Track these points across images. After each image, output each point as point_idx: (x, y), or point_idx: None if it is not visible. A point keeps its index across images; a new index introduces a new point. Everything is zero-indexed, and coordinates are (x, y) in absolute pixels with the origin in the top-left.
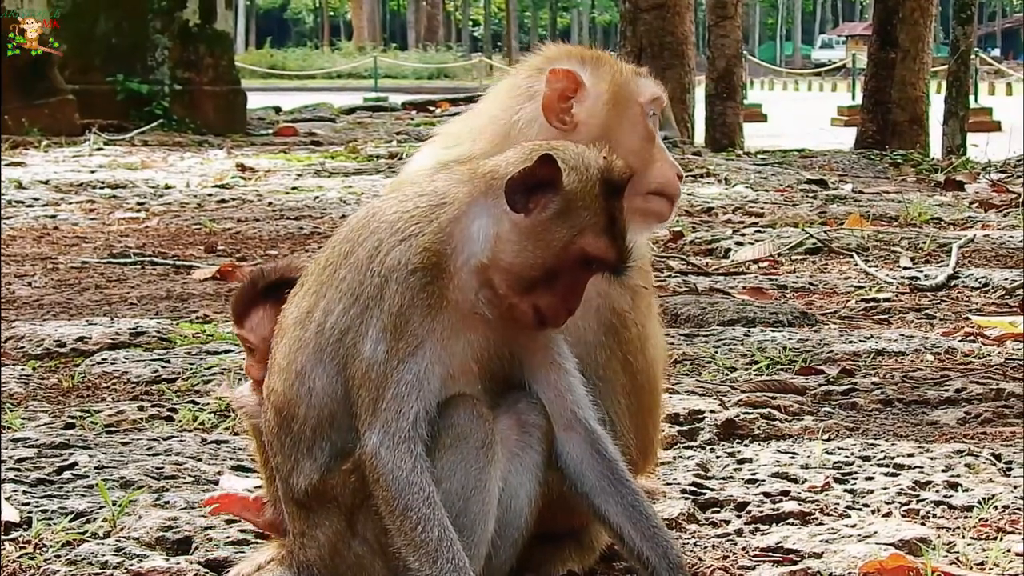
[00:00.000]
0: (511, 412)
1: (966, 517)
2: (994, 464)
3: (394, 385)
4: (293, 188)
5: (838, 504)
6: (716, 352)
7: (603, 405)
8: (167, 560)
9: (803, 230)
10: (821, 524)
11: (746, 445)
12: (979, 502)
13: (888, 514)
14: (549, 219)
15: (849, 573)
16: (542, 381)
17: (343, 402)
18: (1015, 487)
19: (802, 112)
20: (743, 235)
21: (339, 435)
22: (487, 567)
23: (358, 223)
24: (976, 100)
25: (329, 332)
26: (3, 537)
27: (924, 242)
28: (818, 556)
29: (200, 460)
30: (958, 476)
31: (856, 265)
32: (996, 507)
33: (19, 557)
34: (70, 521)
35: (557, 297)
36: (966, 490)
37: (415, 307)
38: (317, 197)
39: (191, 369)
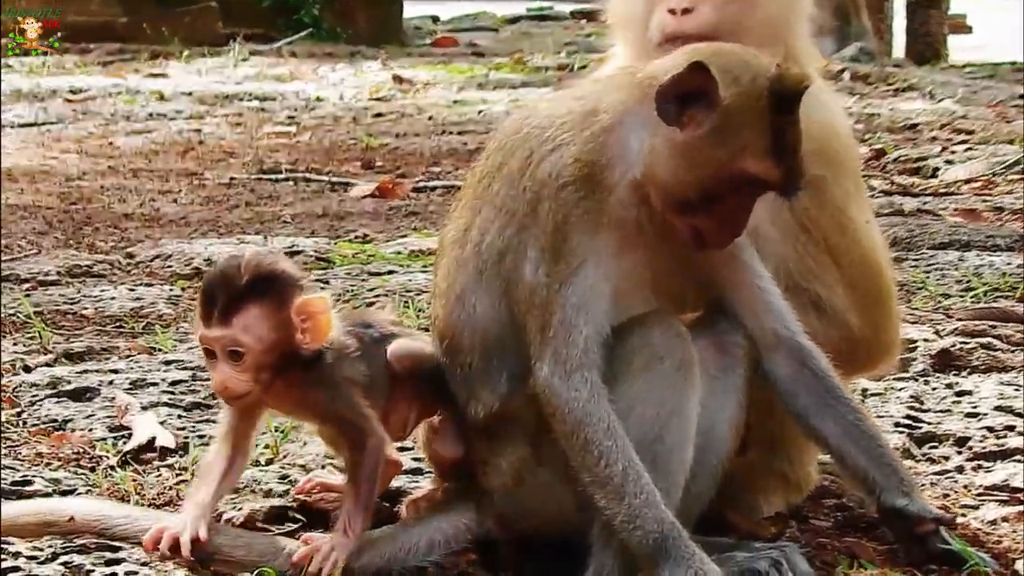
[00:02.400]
0: (709, 332)
1: None
2: None
3: (560, 309)
4: (455, 102)
5: None
6: (927, 278)
7: (821, 303)
8: None
9: (1022, 147)
10: None
11: (964, 376)
12: None
13: None
14: (705, 136)
15: None
16: (736, 300)
17: (509, 326)
18: None
19: (1011, 22)
20: (952, 153)
21: (513, 360)
22: (683, 502)
23: (511, 129)
24: None
25: (487, 253)
26: (159, 463)
27: None
28: None
29: None
30: None
31: None
32: None
33: (176, 484)
34: None
35: (718, 220)
36: None
37: (572, 224)
38: (481, 111)
39: (351, 291)
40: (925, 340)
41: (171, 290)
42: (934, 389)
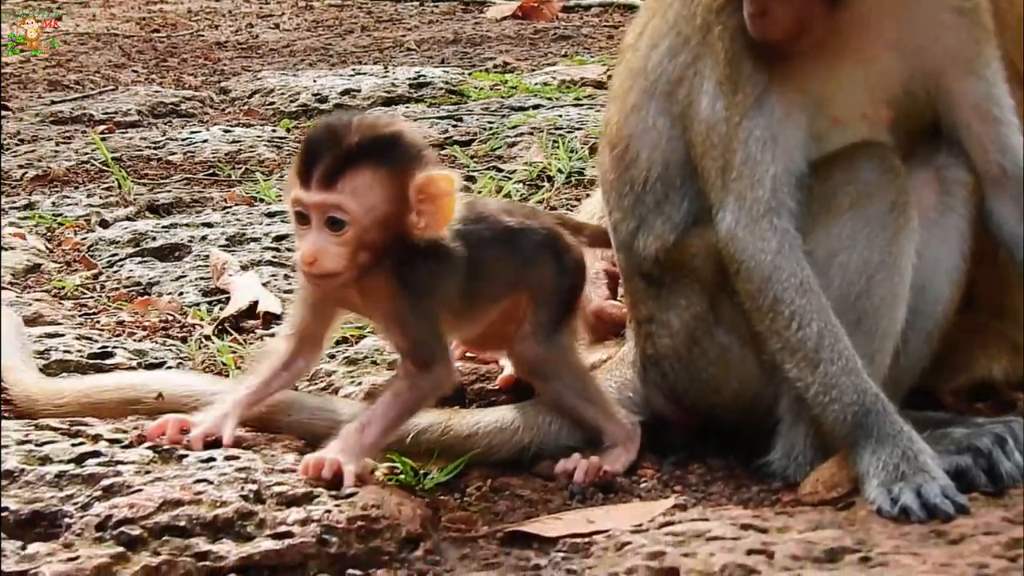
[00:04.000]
0: (927, 166)
1: None
2: None
3: (741, 147)
4: None
5: None
6: None
7: None
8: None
9: None
10: None
11: None
12: None
13: None
14: None
15: None
16: (961, 125)
17: (690, 158)
18: None
19: None
20: None
21: (698, 190)
22: (891, 371)
23: None
24: None
25: (654, 74)
26: (262, 331)
27: None
28: None
29: None
30: None
31: None
32: None
33: None
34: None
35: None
36: None
37: (744, 46)
38: None
39: (490, 129)
40: None
41: (273, 131)
42: None
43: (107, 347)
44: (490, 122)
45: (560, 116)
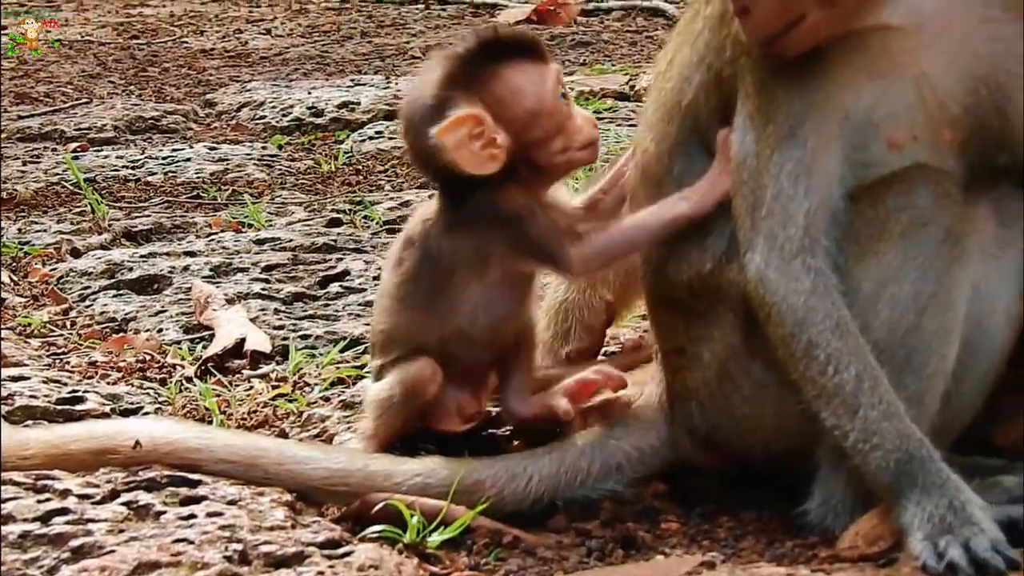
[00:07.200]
0: (985, 198)
1: None
2: None
3: (772, 181)
4: None
5: None
6: None
7: None
8: None
9: None
10: None
11: None
12: None
13: None
14: None
15: None
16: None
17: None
18: None
19: None
20: None
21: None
22: (941, 415)
23: None
24: None
25: (688, 109)
26: (249, 373)
27: None
28: None
29: None
30: None
31: None
32: None
33: (273, 399)
34: (341, 351)
35: None
36: None
37: (776, 73)
38: None
39: None
40: None
41: (264, 148)
42: None
43: (77, 391)
44: None
45: None
